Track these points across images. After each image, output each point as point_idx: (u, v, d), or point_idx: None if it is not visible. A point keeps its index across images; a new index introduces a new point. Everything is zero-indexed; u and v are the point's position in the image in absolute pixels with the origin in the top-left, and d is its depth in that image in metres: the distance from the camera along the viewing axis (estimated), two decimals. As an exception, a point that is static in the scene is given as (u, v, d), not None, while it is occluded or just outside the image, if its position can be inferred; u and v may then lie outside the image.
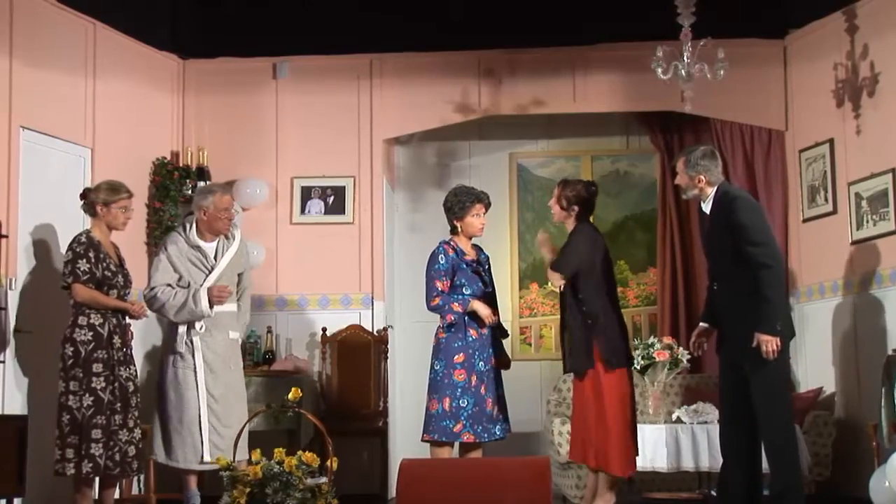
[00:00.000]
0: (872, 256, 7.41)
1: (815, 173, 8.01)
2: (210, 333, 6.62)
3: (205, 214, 6.70)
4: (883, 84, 7.40)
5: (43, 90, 7.09)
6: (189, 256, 6.66)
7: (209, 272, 6.65)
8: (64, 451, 6.19)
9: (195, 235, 6.71)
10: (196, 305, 6.52)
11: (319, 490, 4.90)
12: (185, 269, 6.63)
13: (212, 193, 6.75)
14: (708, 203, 6.07)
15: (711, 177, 6.04)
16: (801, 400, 7.61)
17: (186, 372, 6.57)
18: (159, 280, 6.62)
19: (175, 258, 6.64)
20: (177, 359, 6.59)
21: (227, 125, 8.52)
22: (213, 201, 6.70)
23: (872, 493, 6.26)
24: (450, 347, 6.50)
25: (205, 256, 6.69)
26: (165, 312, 6.62)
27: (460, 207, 6.77)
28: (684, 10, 6.99)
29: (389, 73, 8.57)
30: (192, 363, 6.57)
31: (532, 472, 4.96)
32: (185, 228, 6.76)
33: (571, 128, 9.17)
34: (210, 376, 6.59)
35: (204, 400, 6.55)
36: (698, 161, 6.04)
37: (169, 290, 6.59)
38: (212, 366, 6.60)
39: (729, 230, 5.90)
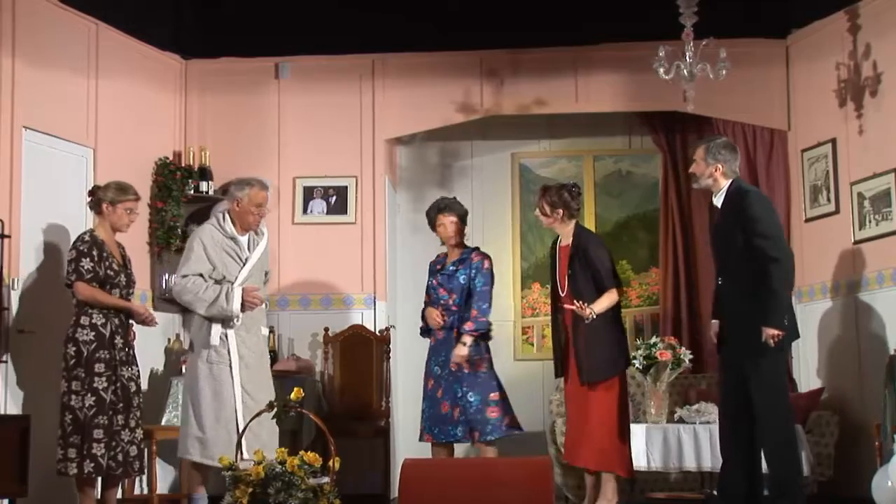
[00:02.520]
0: (875, 256, 7.40)
1: (817, 173, 8.01)
2: (245, 328, 6.45)
3: (237, 205, 6.50)
4: (885, 84, 7.39)
5: (45, 90, 7.09)
6: (224, 247, 6.46)
7: (243, 265, 6.48)
8: (66, 451, 6.20)
9: (231, 226, 6.52)
10: (228, 303, 6.31)
11: (322, 490, 4.90)
12: (219, 260, 6.42)
13: (249, 186, 6.52)
14: (720, 196, 6.09)
15: (728, 168, 6.07)
16: (804, 400, 7.61)
17: (222, 367, 6.37)
18: (192, 269, 6.38)
19: (210, 248, 6.42)
20: (211, 354, 6.37)
21: (229, 125, 8.53)
22: (249, 194, 6.49)
23: (874, 493, 6.25)
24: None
25: (240, 248, 6.50)
26: (194, 305, 6.39)
27: (430, 222, 7.04)
28: (686, 9, 6.99)
29: (392, 72, 8.57)
30: (228, 359, 6.38)
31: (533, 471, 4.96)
32: (219, 219, 6.54)
33: (573, 128, 9.17)
34: (245, 372, 6.40)
35: (240, 396, 6.35)
36: (719, 150, 6.09)
37: (200, 281, 6.36)
38: (246, 361, 6.42)
39: (739, 224, 5.92)
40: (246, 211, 6.49)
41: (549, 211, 6.63)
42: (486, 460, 5.99)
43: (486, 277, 6.92)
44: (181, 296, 6.42)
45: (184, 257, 6.49)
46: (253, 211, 6.50)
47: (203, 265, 6.39)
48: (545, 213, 6.66)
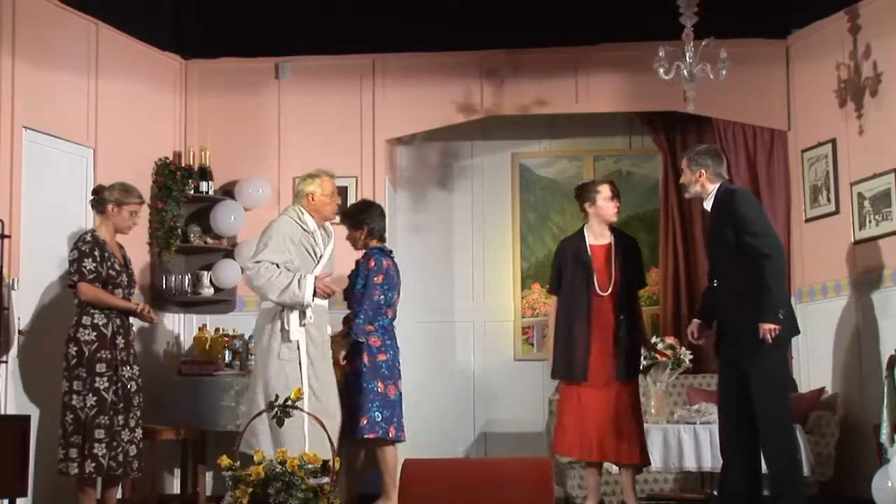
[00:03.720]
0: (875, 256, 7.40)
1: (817, 173, 8.01)
2: (315, 326, 6.43)
3: (312, 199, 6.51)
4: (885, 84, 7.39)
5: (45, 90, 7.09)
6: (303, 241, 6.45)
7: (317, 261, 6.48)
8: (67, 451, 6.20)
9: (310, 220, 6.49)
10: (300, 290, 6.25)
11: (322, 490, 4.90)
12: (297, 253, 6.40)
13: (318, 177, 6.55)
14: (709, 201, 6.12)
15: (711, 173, 6.11)
16: (804, 400, 7.61)
17: (292, 365, 6.34)
18: (268, 256, 6.33)
19: (289, 241, 6.39)
20: (283, 350, 6.34)
21: (229, 125, 8.53)
22: (321, 185, 6.52)
23: (875, 493, 6.25)
24: None
25: (316, 243, 6.50)
26: (265, 290, 6.32)
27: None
28: (686, 10, 6.99)
29: (392, 73, 8.57)
30: (298, 356, 6.35)
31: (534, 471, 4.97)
32: (298, 213, 6.52)
33: (574, 128, 9.17)
34: (311, 369, 6.39)
35: (307, 395, 6.27)
36: (700, 156, 6.17)
37: (274, 267, 6.33)
38: (313, 359, 6.41)
39: (730, 225, 5.95)
40: (322, 202, 6.53)
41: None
42: (487, 460, 6.00)
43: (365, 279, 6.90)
44: (253, 280, 6.37)
45: (260, 244, 6.43)
46: (327, 201, 6.55)
47: (280, 255, 6.35)
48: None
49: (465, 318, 9.10)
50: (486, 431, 8.97)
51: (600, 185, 6.75)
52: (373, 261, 6.91)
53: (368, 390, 6.83)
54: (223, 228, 8.33)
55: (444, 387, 8.92)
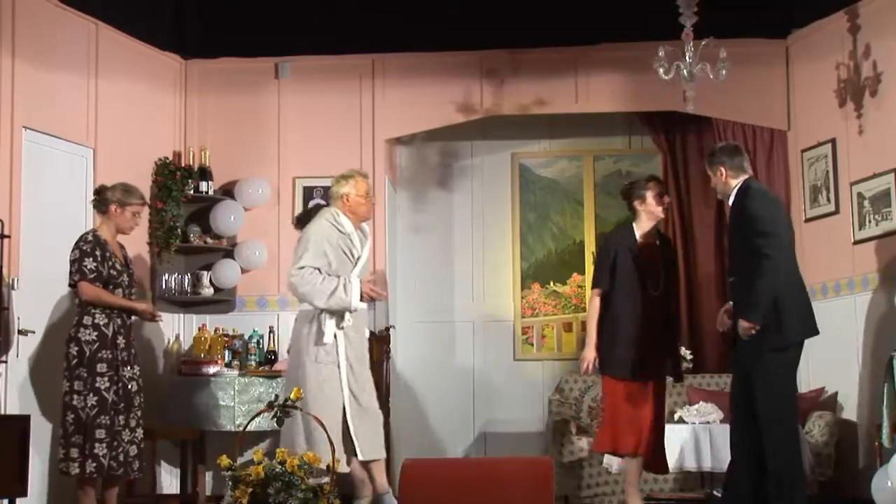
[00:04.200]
0: (874, 256, 7.41)
1: (817, 173, 8.01)
2: (354, 329, 6.35)
3: (347, 200, 6.43)
4: (885, 84, 7.39)
5: (45, 90, 7.09)
6: (340, 244, 6.37)
7: (355, 263, 6.41)
8: (68, 451, 6.20)
9: (347, 222, 6.42)
10: (346, 294, 6.18)
11: (321, 490, 4.90)
12: (335, 256, 6.32)
13: (352, 178, 6.47)
14: (731, 196, 6.11)
15: (730, 168, 6.09)
16: (804, 400, 7.60)
17: (331, 368, 6.26)
18: (309, 262, 6.25)
19: (327, 245, 6.31)
20: (321, 353, 6.26)
21: (229, 125, 8.53)
22: (355, 185, 6.44)
23: (875, 493, 6.25)
24: None
25: (353, 245, 6.43)
26: (311, 296, 6.23)
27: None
28: (686, 10, 6.99)
29: (392, 72, 8.57)
30: (336, 359, 6.27)
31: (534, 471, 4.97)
32: (334, 216, 6.43)
33: (574, 128, 9.17)
34: (350, 372, 6.30)
35: (347, 398, 6.24)
36: (716, 155, 6.15)
37: (317, 272, 6.22)
38: (351, 362, 6.32)
39: (741, 221, 5.93)
40: (357, 203, 6.44)
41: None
42: (487, 460, 6.00)
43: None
44: (298, 287, 6.27)
45: (300, 249, 6.34)
46: (363, 201, 6.46)
47: (321, 260, 6.27)
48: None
49: (465, 318, 9.10)
50: (485, 431, 8.97)
51: (650, 182, 6.65)
52: None
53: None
54: (223, 228, 8.34)
55: (444, 387, 8.92)
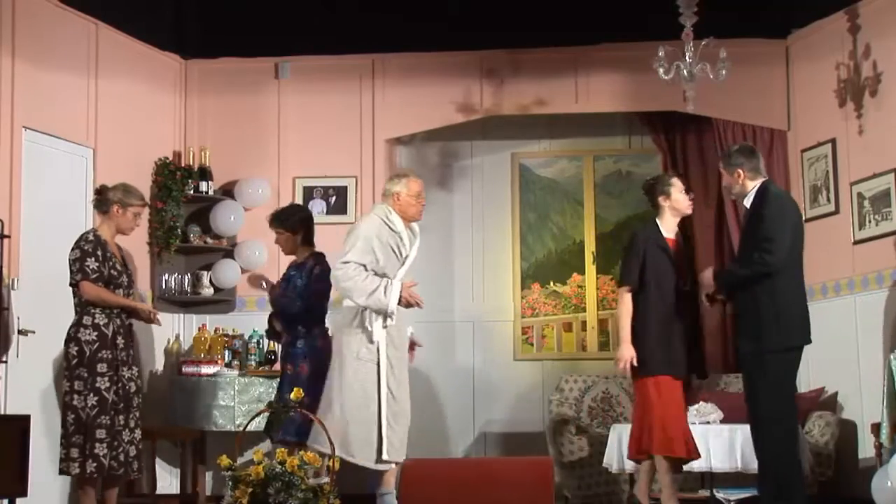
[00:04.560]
0: (874, 256, 7.41)
1: (817, 173, 8.01)
2: (396, 327, 6.32)
3: (398, 199, 6.38)
4: (885, 84, 7.39)
5: (45, 90, 7.10)
6: (389, 241, 6.32)
7: (402, 262, 6.36)
8: (68, 451, 6.19)
9: (398, 221, 6.37)
10: (385, 296, 6.14)
11: (321, 490, 4.91)
12: (383, 254, 6.27)
13: (405, 177, 6.44)
14: (749, 198, 6.10)
15: (748, 170, 6.07)
16: (804, 400, 7.60)
17: (370, 366, 6.21)
18: (355, 258, 6.20)
19: (376, 241, 6.27)
20: (362, 351, 6.22)
21: (229, 125, 8.53)
22: (407, 185, 6.39)
23: (874, 493, 6.25)
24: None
25: (403, 243, 6.38)
26: (352, 292, 6.20)
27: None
28: (686, 10, 6.99)
29: (391, 72, 8.57)
30: (377, 357, 6.22)
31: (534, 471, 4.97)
32: (386, 213, 6.39)
33: (574, 128, 9.17)
34: (390, 371, 6.26)
35: (385, 396, 6.20)
36: (734, 156, 6.13)
37: (361, 269, 6.18)
38: (392, 362, 6.28)
39: (757, 223, 5.94)
40: (408, 203, 6.39)
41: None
42: (487, 460, 6.00)
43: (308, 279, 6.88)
44: (341, 282, 6.24)
45: (348, 244, 6.30)
46: (413, 202, 6.41)
47: (368, 256, 6.24)
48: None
49: (465, 318, 9.09)
50: (485, 431, 8.97)
51: (673, 178, 6.63)
52: (319, 266, 6.90)
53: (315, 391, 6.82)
54: (223, 228, 8.34)
55: (444, 387, 8.91)
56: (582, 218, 9.19)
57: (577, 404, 8.34)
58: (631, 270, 6.45)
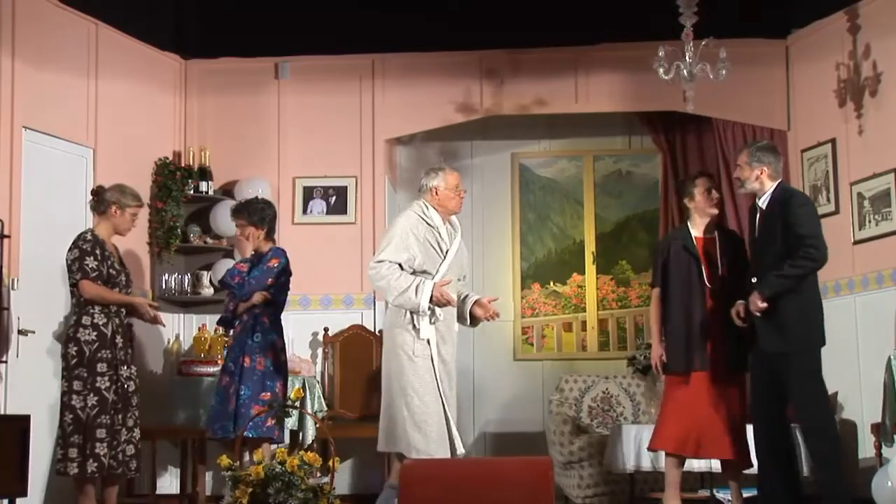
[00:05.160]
0: (874, 256, 7.41)
1: (817, 173, 8.01)
2: (445, 325, 6.24)
3: (436, 193, 6.30)
4: (885, 84, 7.40)
5: (45, 90, 7.10)
6: (427, 237, 6.23)
7: (443, 257, 6.26)
8: (67, 451, 6.20)
9: (436, 215, 6.28)
10: (416, 296, 6.02)
11: (321, 490, 4.91)
12: (422, 251, 6.18)
13: (441, 171, 6.35)
14: (765, 198, 6.12)
15: (772, 170, 6.12)
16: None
17: (426, 363, 6.14)
18: (390, 256, 6.11)
19: (413, 238, 6.18)
20: (417, 348, 6.15)
21: (229, 125, 8.53)
22: (445, 178, 6.31)
23: (875, 493, 6.25)
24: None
25: (442, 238, 6.29)
26: (385, 290, 6.15)
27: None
28: (686, 10, 6.99)
29: (391, 72, 8.58)
30: (430, 353, 6.16)
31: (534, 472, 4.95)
32: (423, 208, 6.31)
33: (574, 128, 9.17)
34: (442, 367, 6.20)
35: (444, 392, 6.15)
36: (763, 153, 6.15)
37: (396, 268, 6.09)
38: (443, 357, 6.22)
39: (781, 223, 5.94)
40: (447, 196, 6.31)
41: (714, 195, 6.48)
42: (487, 460, 6.00)
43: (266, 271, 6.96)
44: (375, 280, 6.19)
45: (384, 242, 6.24)
46: (452, 195, 6.34)
47: (403, 254, 6.15)
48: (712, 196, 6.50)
49: (464, 317, 9.09)
50: (485, 431, 8.98)
51: (697, 179, 6.62)
52: (276, 259, 6.99)
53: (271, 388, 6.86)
54: (223, 228, 8.34)
55: (444, 387, 8.90)
56: (582, 218, 9.19)
57: (577, 404, 8.34)
58: (654, 271, 6.65)
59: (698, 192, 6.54)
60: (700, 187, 6.55)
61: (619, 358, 8.74)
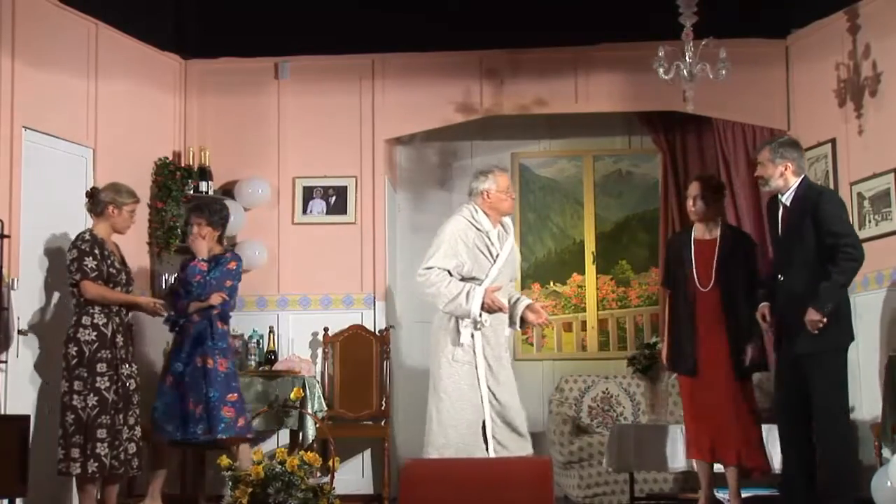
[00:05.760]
0: (875, 256, 7.38)
1: (817, 173, 8.01)
2: (492, 329, 6.23)
3: (487, 196, 6.28)
4: (885, 84, 7.39)
5: (45, 90, 7.09)
6: (477, 242, 6.22)
7: (493, 261, 6.24)
8: (68, 451, 6.20)
9: (485, 219, 6.28)
10: (467, 302, 6.03)
11: (321, 490, 4.91)
12: (471, 257, 6.17)
13: (491, 174, 6.33)
14: (789, 194, 6.06)
15: (796, 166, 6.05)
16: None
17: (466, 368, 6.14)
18: (438, 262, 6.12)
19: (461, 244, 6.17)
20: (457, 352, 6.15)
21: (228, 125, 8.53)
22: (496, 181, 6.29)
23: (874, 493, 6.25)
24: None
25: (491, 242, 6.28)
26: (435, 297, 6.12)
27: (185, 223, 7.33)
28: (686, 9, 6.99)
29: (391, 72, 8.57)
30: (473, 359, 6.15)
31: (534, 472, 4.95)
32: (472, 212, 6.30)
33: (573, 128, 9.17)
34: (489, 372, 6.18)
35: (486, 398, 6.14)
36: (785, 149, 6.08)
37: (445, 274, 6.10)
38: (489, 362, 6.19)
39: (811, 221, 5.90)
40: (498, 199, 6.30)
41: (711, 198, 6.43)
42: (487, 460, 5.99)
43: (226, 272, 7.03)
44: (424, 287, 6.16)
45: (433, 248, 6.21)
46: (504, 197, 6.32)
47: (452, 260, 6.15)
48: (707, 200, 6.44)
49: (464, 317, 9.07)
50: (485, 431, 8.96)
51: (690, 184, 6.63)
52: (235, 263, 7.09)
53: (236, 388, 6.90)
54: (223, 228, 8.33)
55: (444, 387, 8.90)
56: (582, 218, 9.19)
57: (576, 404, 8.34)
58: (662, 273, 6.75)
59: (688, 197, 6.56)
60: (688, 192, 6.57)
61: (619, 358, 8.74)
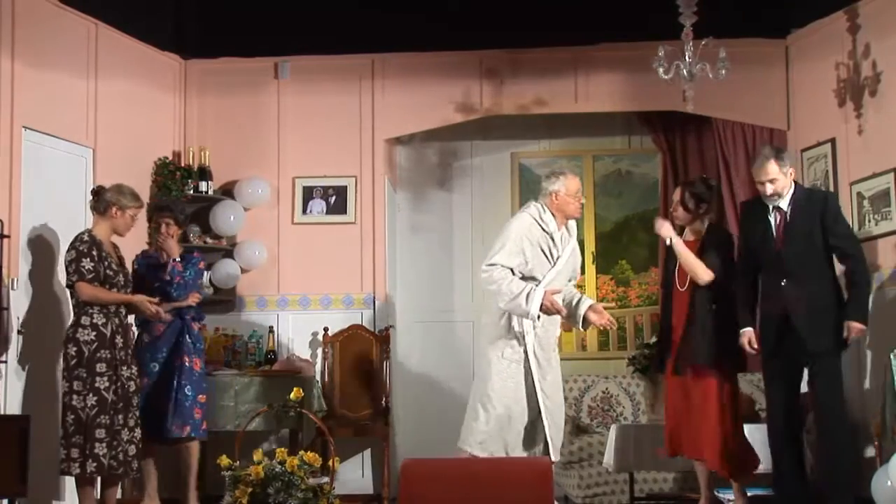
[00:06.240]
0: (875, 256, 7.40)
1: (816, 173, 8.01)
2: (543, 327, 6.27)
3: (555, 198, 6.31)
4: (885, 83, 7.39)
5: (45, 90, 7.09)
6: (541, 242, 6.26)
7: (553, 263, 6.28)
8: (69, 451, 6.21)
9: (552, 220, 6.30)
10: (527, 303, 6.08)
11: (321, 490, 4.91)
12: (533, 256, 6.21)
13: (563, 175, 6.37)
14: (785, 198, 6.12)
15: (793, 171, 6.18)
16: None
17: (515, 366, 6.20)
18: (502, 260, 6.16)
19: (526, 242, 6.20)
20: (507, 350, 6.20)
21: (228, 125, 8.53)
22: (566, 184, 6.32)
23: (875, 492, 6.25)
24: None
25: (554, 244, 6.31)
26: (496, 295, 6.18)
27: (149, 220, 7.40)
28: (686, 9, 6.99)
29: (391, 72, 8.57)
30: (523, 356, 6.20)
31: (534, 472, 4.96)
32: (539, 211, 6.32)
33: (573, 127, 9.17)
34: (539, 371, 6.23)
35: (540, 396, 6.18)
36: (786, 158, 6.16)
37: (508, 272, 6.15)
38: (539, 360, 6.24)
39: (818, 225, 5.98)
40: (565, 202, 6.33)
41: (692, 206, 6.41)
42: (486, 460, 5.99)
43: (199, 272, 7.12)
44: (487, 284, 6.21)
45: (498, 244, 6.25)
46: (572, 200, 6.35)
47: (515, 259, 6.19)
48: (689, 207, 6.41)
49: (464, 318, 9.09)
50: (485, 431, 8.96)
51: (675, 189, 6.65)
52: (203, 263, 7.23)
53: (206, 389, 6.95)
54: (223, 228, 8.34)
55: (444, 387, 8.90)
56: (581, 218, 9.17)
57: (576, 404, 8.34)
58: (661, 272, 6.83)
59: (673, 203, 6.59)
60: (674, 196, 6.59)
61: (619, 358, 8.74)
